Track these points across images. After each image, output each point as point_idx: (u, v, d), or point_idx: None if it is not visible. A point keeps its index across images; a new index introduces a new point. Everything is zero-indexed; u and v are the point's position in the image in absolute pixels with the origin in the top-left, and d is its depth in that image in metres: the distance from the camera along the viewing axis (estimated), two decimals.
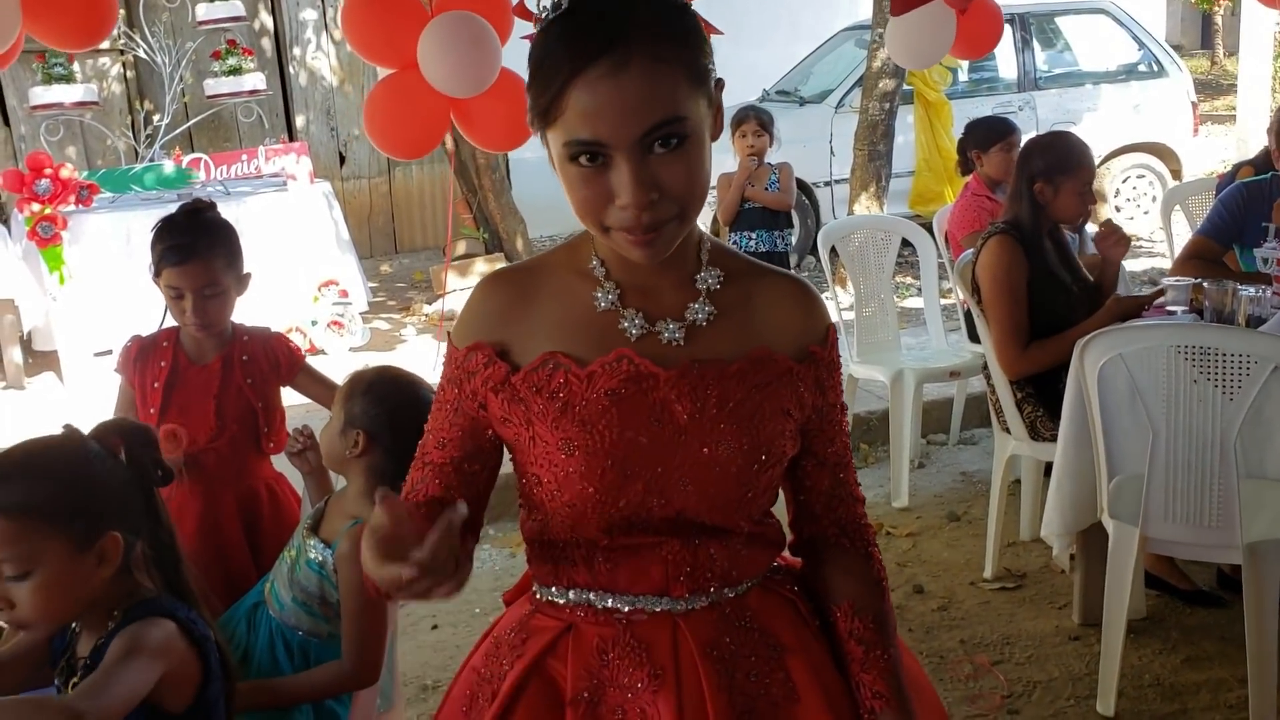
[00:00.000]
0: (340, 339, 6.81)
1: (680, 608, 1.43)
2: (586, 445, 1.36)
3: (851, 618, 1.50)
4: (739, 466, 1.40)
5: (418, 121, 3.79)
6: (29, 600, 1.60)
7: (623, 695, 1.40)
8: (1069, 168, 3.54)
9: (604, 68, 1.24)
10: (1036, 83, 9.21)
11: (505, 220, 8.09)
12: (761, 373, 1.42)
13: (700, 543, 1.42)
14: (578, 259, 1.46)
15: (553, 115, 1.28)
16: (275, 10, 9.49)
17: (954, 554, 4.07)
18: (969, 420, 5.25)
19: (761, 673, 1.43)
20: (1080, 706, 3.07)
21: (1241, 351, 2.73)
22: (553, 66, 1.27)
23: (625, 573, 1.42)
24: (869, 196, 7.18)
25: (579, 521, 1.41)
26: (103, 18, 3.33)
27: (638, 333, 1.40)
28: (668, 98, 1.26)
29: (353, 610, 2.14)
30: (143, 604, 1.68)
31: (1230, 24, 20.57)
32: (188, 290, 2.61)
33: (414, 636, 3.66)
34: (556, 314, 1.42)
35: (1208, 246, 3.97)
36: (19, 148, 8.58)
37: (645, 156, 1.27)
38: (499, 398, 1.42)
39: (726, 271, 1.46)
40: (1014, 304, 3.52)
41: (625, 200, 1.27)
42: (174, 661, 1.65)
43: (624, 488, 1.38)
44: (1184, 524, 2.87)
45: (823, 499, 1.54)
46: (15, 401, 6.34)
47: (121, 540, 1.65)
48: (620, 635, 1.42)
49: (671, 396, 1.38)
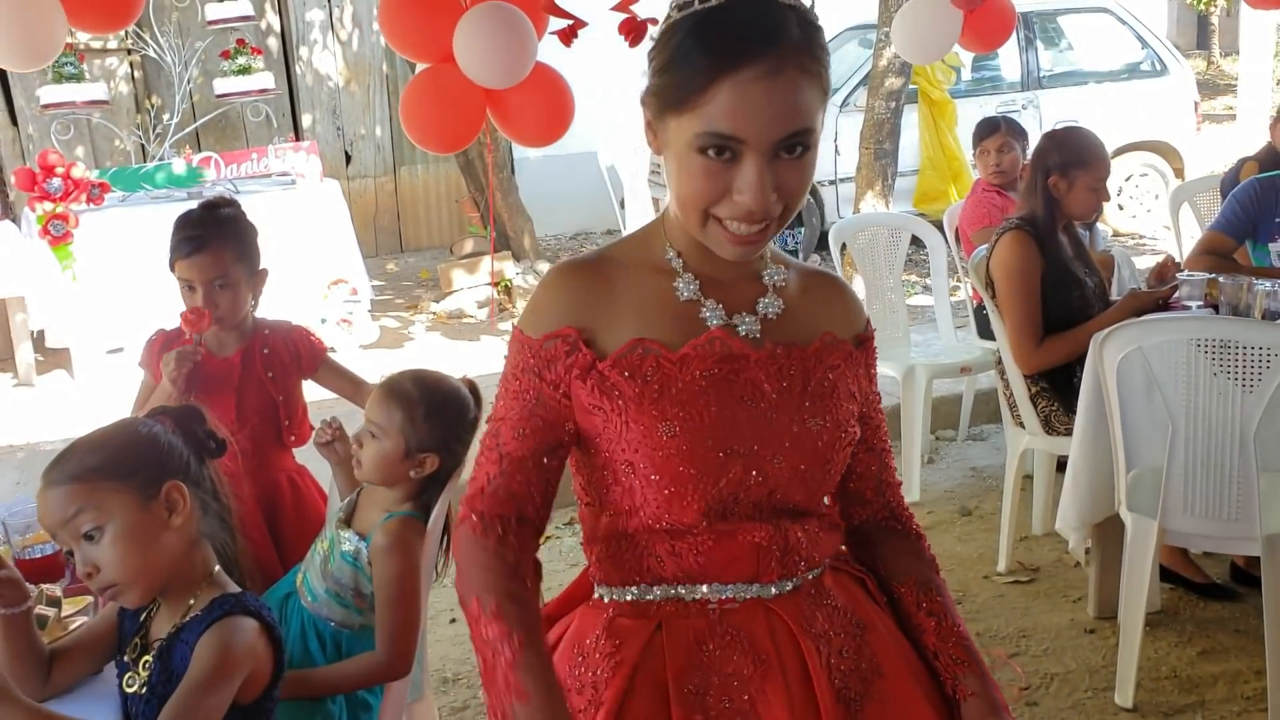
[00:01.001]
0: (349, 336, 6.83)
1: (770, 593, 1.45)
2: (688, 424, 1.39)
3: (917, 592, 1.56)
4: (824, 443, 1.46)
5: (454, 114, 3.81)
6: (109, 557, 1.64)
7: (728, 684, 1.41)
8: (1083, 162, 3.56)
9: (759, 70, 1.29)
10: (1040, 81, 9.23)
11: (513, 219, 8.10)
12: (833, 355, 1.49)
13: (788, 526, 1.45)
14: (650, 252, 1.49)
15: (692, 104, 1.32)
16: (282, 10, 9.50)
17: (966, 548, 4.09)
18: (978, 416, 5.27)
19: (850, 649, 1.46)
20: (1098, 698, 3.10)
21: (1261, 345, 2.76)
22: (702, 58, 1.31)
23: (718, 560, 1.43)
24: (875, 195, 7.18)
25: (676, 506, 1.41)
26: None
27: (719, 322, 1.45)
28: (807, 109, 1.32)
29: (387, 601, 2.17)
30: (225, 599, 1.71)
31: (1226, 25, 20.64)
32: (198, 282, 2.65)
33: (433, 630, 3.68)
34: (637, 302, 1.45)
35: (1221, 242, 3.99)
36: (27, 147, 8.59)
37: (774, 160, 1.32)
38: (586, 384, 1.42)
39: (784, 266, 1.53)
40: (1028, 299, 3.54)
41: (749, 200, 1.32)
42: (257, 663, 1.69)
43: (725, 465, 1.40)
44: (1202, 516, 2.90)
45: (873, 484, 1.61)
46: (27, 398, 6.36)
47: (187, 491, 1.69)
48: (715, 626, 1.43)
49: (761, 376, 1.43)
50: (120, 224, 6.55)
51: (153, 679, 1.69)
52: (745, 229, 1.35)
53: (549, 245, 9.23)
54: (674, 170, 1.37)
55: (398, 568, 2.16)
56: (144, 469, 1.67)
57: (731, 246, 1.38)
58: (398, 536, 2.18)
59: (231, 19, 7.40)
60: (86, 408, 5.81)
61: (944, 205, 7.45)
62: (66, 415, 5.82)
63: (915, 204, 8.65)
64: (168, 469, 1.70)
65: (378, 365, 6.44)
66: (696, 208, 1.36)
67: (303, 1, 9.51)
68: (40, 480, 1.67)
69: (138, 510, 1.65)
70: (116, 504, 1.64)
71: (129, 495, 1.65)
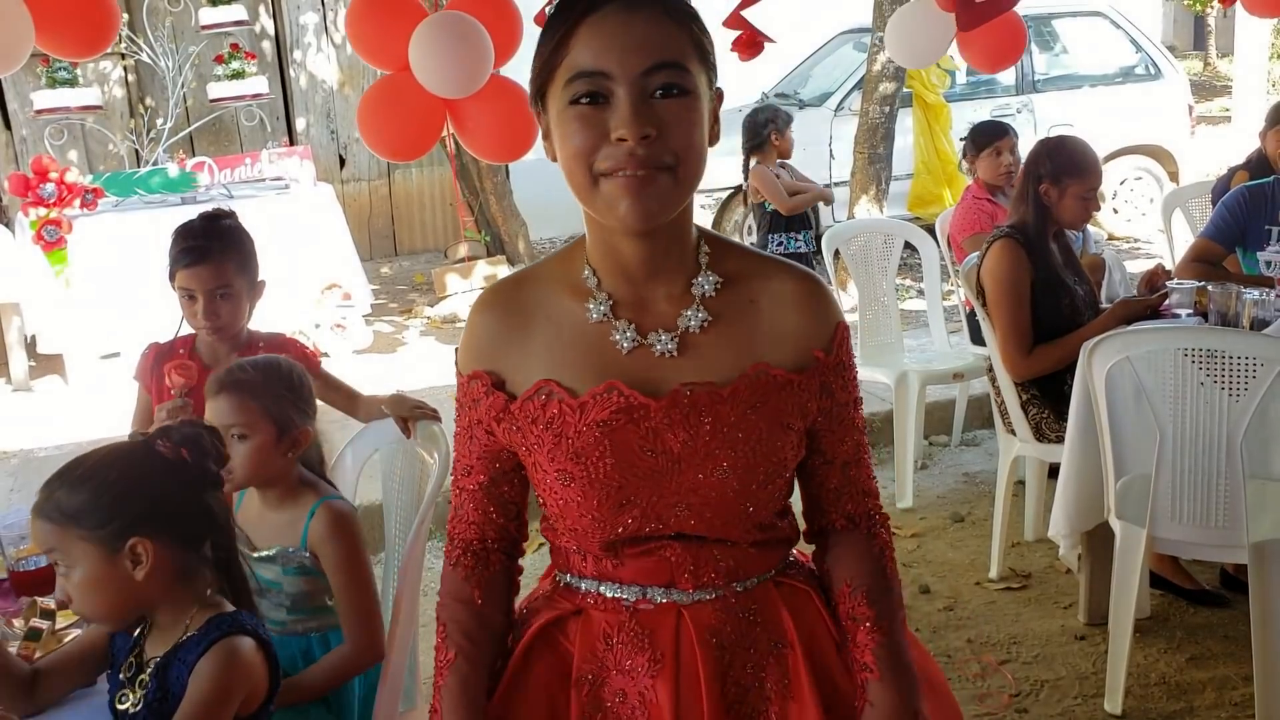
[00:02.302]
0: (343, 341, 6.84)
1: (686, 599, 1.46)
2: (581, 477, 1.39)
3: (849, 598, 1.50)
4: (735, 489, 1.41)
5: (410, 123, 3.81)
6: (76, 596, 1.68)
7: (625, 679, 1.44)
8: (1075, 171, 3.58)
9: (616, 6, 1.29)
10: (1035, 85, 9.25)
11: (507, 223, 8.11)
12: (757, 392, 1.40)
13: (703, 547, 1.45)
14: (571, 270, 1.46)
15: (559, 60, 1.31)
16: (276, 14, 9.51)
17: (959, 554, 4.10)
18: (971, 422, 5.29)
19: (760, 665, 1.45)
20: (1088, 705, 3.11)
21: (1248, 354, 2.77)
22: (563, 13, 1.32)
23: (630, 570, 1.46)
24: (869, 199, 7.21)
25: (581, 542, 1.47)
26: (104, 27, 3.35)
27: (629, 345, 1.40)
28: (675, 46, 1.31)
29: (342, 586, 2.17)
30: (221, 619, 1.72)
31: (1222, 26, 20.65)
32: (199, 292, 2.66)
33: (426, 637, 3.65)
34: (549, 334, 1.43)
35: (1211, 249, 4.01)
36: (20, 151, 8.60)
37: (647, 97, 1.30)
38: (501, 426, 1.46)
39: (729, 275, 1.44)
40: (1018, 307, 3.56)
41: (622, 130, 1.28)
42: (253, 681, 1.71)
43: (620, 515, 1.41)
44: (1190, 524, 2.91)
45: (830, 495, 1.54)
46: (22, 404, 6.36)
47: (152, 546, 1.68)
48: (625, 622, 1.46)
49: (663, 425, 1.38)
50: (114, 229, 6.56)
51: (149, 697, 1.70)
52: (631, 171, 1.29)
53: (544, 248, 9.25)
54: (557, 142, 1.35)
55: (345, 550, 2.18)
56: (117, 518, 1.65)
57: (625, 197, 1.30)
58: (334, 520, 2.19)
59: (225, 23, 7.39)
60: (80, 414, 5.81)
61: (939, 209, 7.47)
62: (60, 421, 5.82)
63: (910, 208, 8.67)
64: (142, 520, 1.67)
65: (371, 370, 6.45)
66: (582, 165, 1.31)
67: (297, 5, 9.52)
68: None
69: (102, 561, 1.65)
70: (80, 553, 1.65)
71: (94, 546, 1.65)
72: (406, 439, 2.59)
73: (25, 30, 3.11)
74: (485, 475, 1.51)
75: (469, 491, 1.53)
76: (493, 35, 3.66)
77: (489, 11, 3.69)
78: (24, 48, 3.13)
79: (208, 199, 6.93)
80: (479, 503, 1.53)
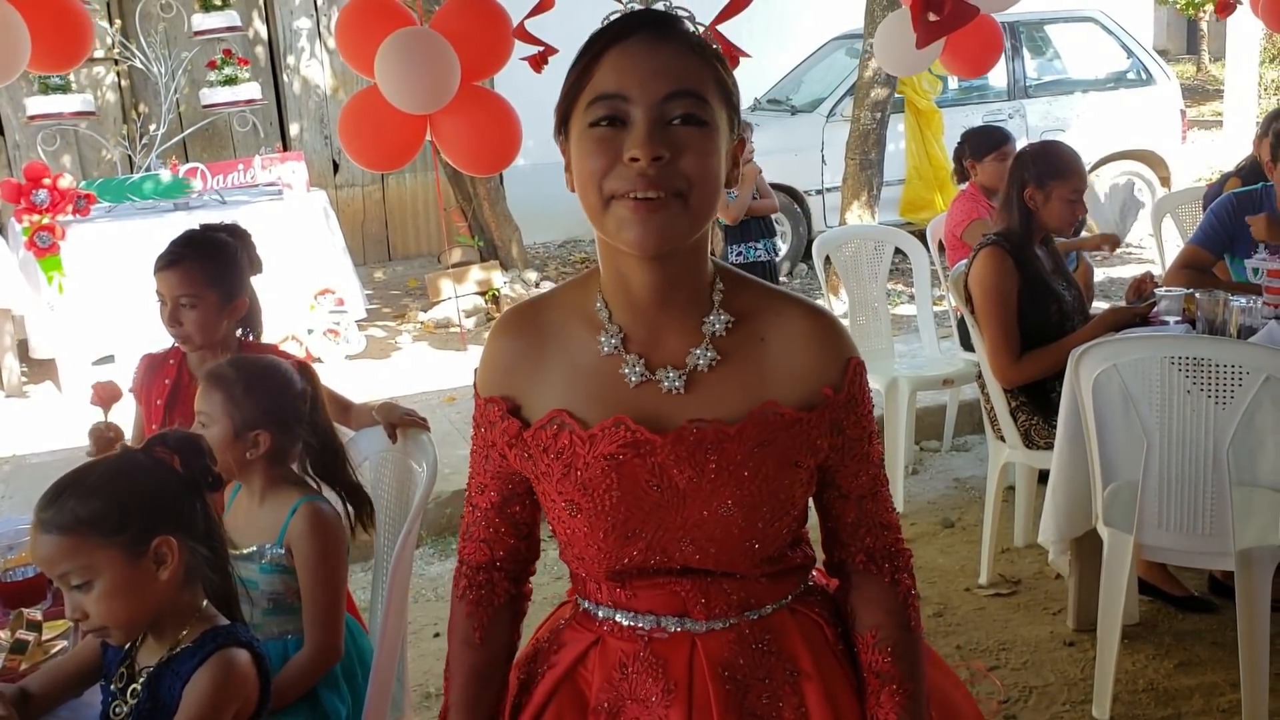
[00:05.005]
0: (336, 347, 6.84)
1: (700, 628, 1.46)
2: (588, 508, 1.40)
3: (872, 649, 1.49)
4: (740, 525, 1.40)
5: (390, 135, 3.81)
6: (98, 608, 1.67)
7: (639, 708, 1.45)
8: (1058, 174, 3.60)
9: (644, 35, 1.32)
10: (1027, 91, 9.28)
11: (500, 228, 8.12)
12: (764, 431, 1.39)
13: (713, 581, 1.45)
14: (585, 300, 1.46)
15: (584, 84, 1.33)
16: (269, 19, 9.50)
17: (949, 560, 4.12)
18: (961, 427, 5.30)
19: (775, 696, 1.45)
20: (1076, 711, 3.12)
21: (1234, 362, 2.78)
22: (592, 42, 1.34)
23: (644, 600, 1.47)
24: (861, 205, 7.23)
25: (589, 570, 1.48)
26: (77, 43, 3.36)
27: (637, 380, 1.40)
28: (697, 77, 1.33)
29: (309, 583, 2.18)
30: (216, 632, 1.73)
31: (1216, 29, 20.70)
32: (168, 296, 2.67)
33: (415, 645, 3.69)
34: (564, 363, 1.44)
35: (1200, 256, 4.02)
36: (13, 156, 8.59)
37: (665, 123, 1.30)
38: (514, 452, 1.47)
39: (740, 312, 1.43)
40: (1005, 314, 3.57)
41: (635, 150, 1.28)
42: (246, 694, 1.72)
43: (625, 548, 1.42)
44: (1177, 531, 2.92)
45: (848, 529, 1.53)
46: (14, 410, 6.36)
47: (176, 543, 1.70)
48: (640, 651, 1.46)
49: (669, 461, 1.38)
50: (107, 235, 6.57)
51: (140, 706, 1.71)
52: (642, 193, 1.29)
53: (537, 254, 9.26)
54: (574, 164, 1.36)
55: (320, 549, 2.19)
56: (135, 524, 1.67)
57: (634, 223, 1.30)
58: (313, 519, 2.20)
59: (218, 29, 7.40)
60: (73, 420, 5.80)
61: (931, 214, 7.49)
62: (53, 427, 5.82)
63: (902, 213, 8.70)
64: (158, 521, 1.70)
65: (364, 375, 6.46)
66: (594, 185, 1.32)
67: (290, 10, 9.52)
68: (34, 514, 1.68)
69: (126, 566, 1.66)
70: (104, 561, 1.65)
71: (117, 552, 1.66)
72: (395, 447, 2.60)
73: (21, 42, 3.12)
74: (498, 494, 1.53)
75: (481, 510, 1.55)
76: (479, 47, 3.67)
77: (475, 24, 3.70)
78: (19, 61, 3.14)
79: (201, 205, 6.95)
80: (490, 521, 1.54)
